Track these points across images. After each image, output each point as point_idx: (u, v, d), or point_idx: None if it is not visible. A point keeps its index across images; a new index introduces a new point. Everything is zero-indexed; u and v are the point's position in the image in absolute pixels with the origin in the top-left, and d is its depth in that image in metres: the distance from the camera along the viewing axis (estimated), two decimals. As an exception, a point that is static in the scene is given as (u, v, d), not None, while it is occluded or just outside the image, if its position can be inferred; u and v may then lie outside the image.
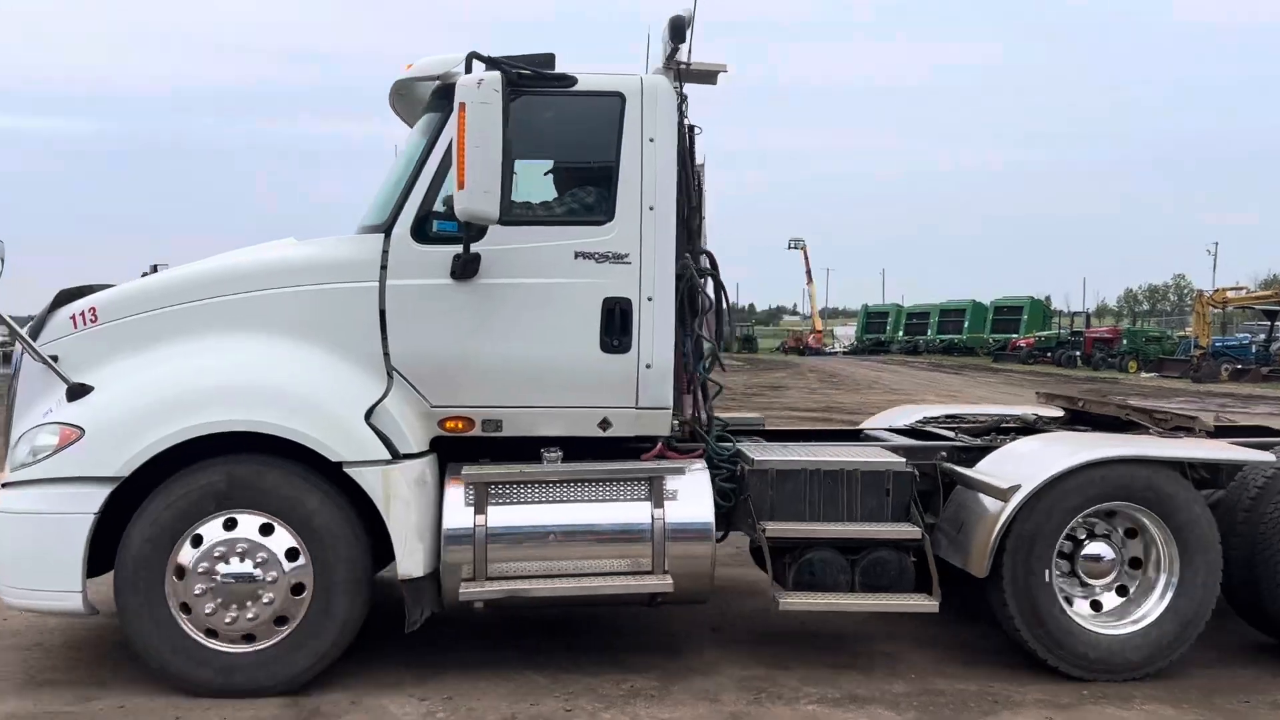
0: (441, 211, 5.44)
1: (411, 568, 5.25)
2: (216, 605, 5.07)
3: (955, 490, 5.94)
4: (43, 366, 5.35)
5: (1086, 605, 5.70)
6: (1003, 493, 5.53)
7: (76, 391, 5.25)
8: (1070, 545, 5.68)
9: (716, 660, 5.83)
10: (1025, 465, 5.66)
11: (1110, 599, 5.73)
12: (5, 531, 5.12)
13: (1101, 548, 5.70)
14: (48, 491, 5.07)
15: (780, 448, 6.14)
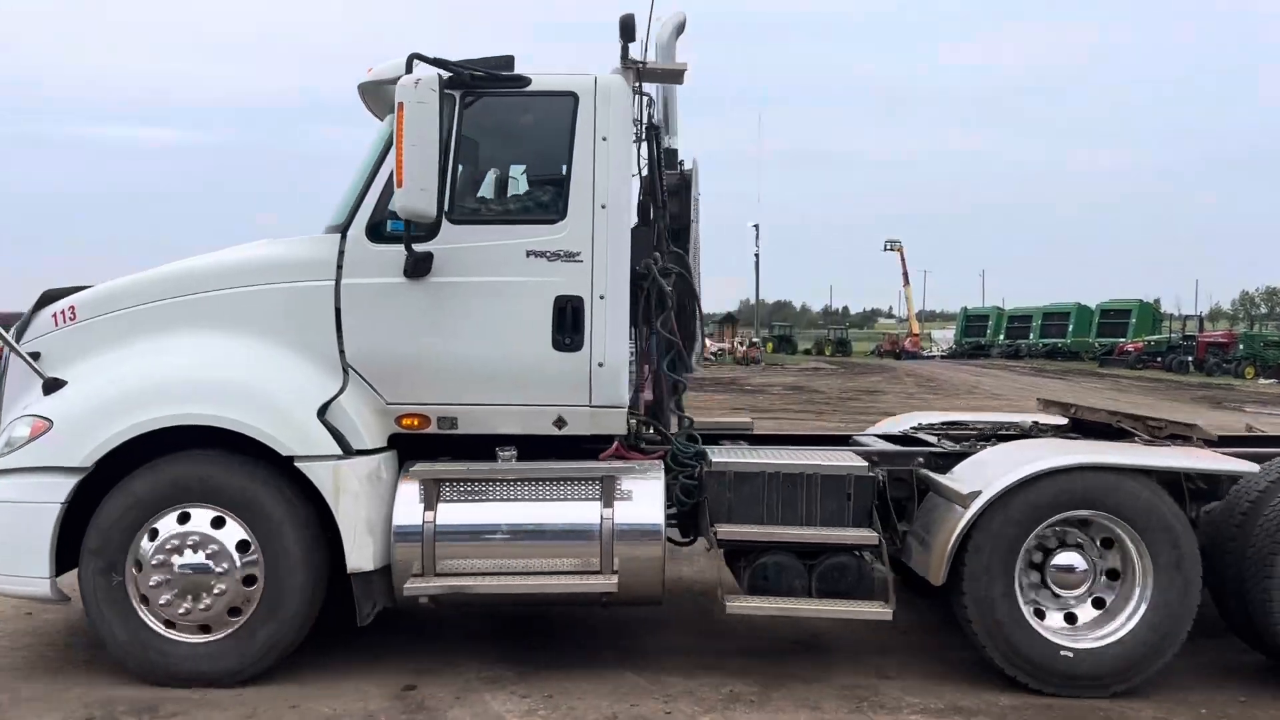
0: (395, 212, 5.51)
1: (361, 562, 5.33)
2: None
3: (927, 497, 5.77)
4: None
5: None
6: (963, 499, 5.36)
7: (50, 386, 5.50)
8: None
9: (818, 667, 5.72)
10: (990, 472, 5.47)
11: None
12: None
13: (1074, 558, 5.47)
14: (19, 481, 5.31)
15: (751, 450, 6.05)
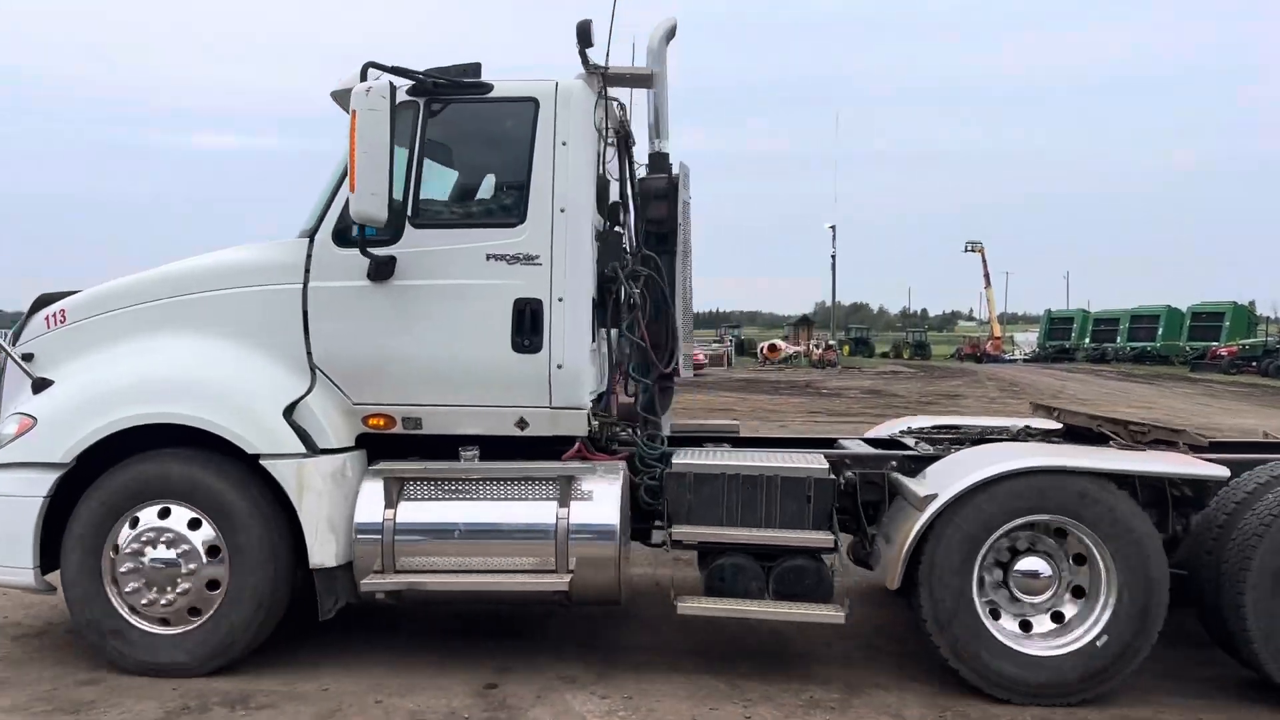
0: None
1: (323, 558, 5.47)
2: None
3: (895, 500, 5.70)
4: (26, 364, 5.91)
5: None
6: (921, 502, 5.29)
7: (39, 386, 5.77)
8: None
9: (903, 676, 5.63)
10: (951, 475, 5.38)
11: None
12: None
13: (1039, 564, 5.34)
14: (5, 476, 5.57)
15: (715, 452, 6.03)
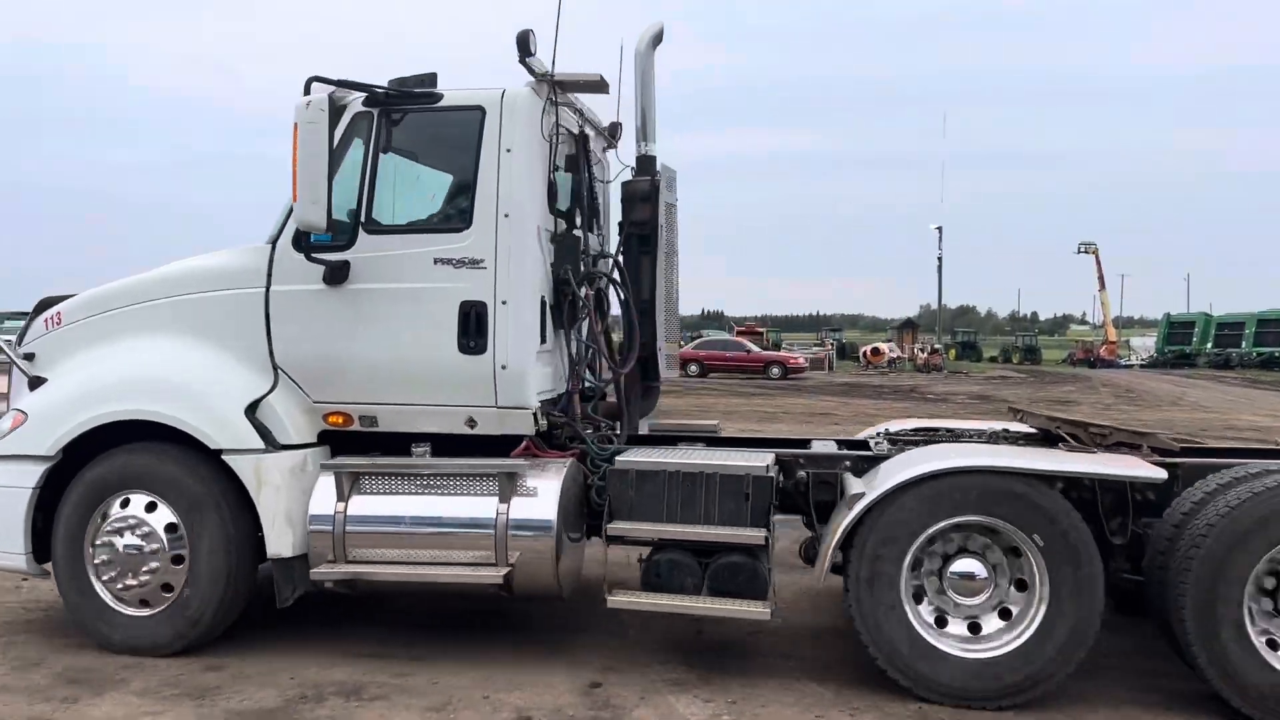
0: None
1: (280, 548, 5.75)
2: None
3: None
4: (28, 364, 6.38)
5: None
6: (850, 500, 5.27)
7: (34, 384, 6.23)
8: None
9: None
10: (887, 474, 5.34)
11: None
12: None
13: (974, 565, 5.27)
14: (2, 467, 6.02)
15: (659, 451, 6.08)
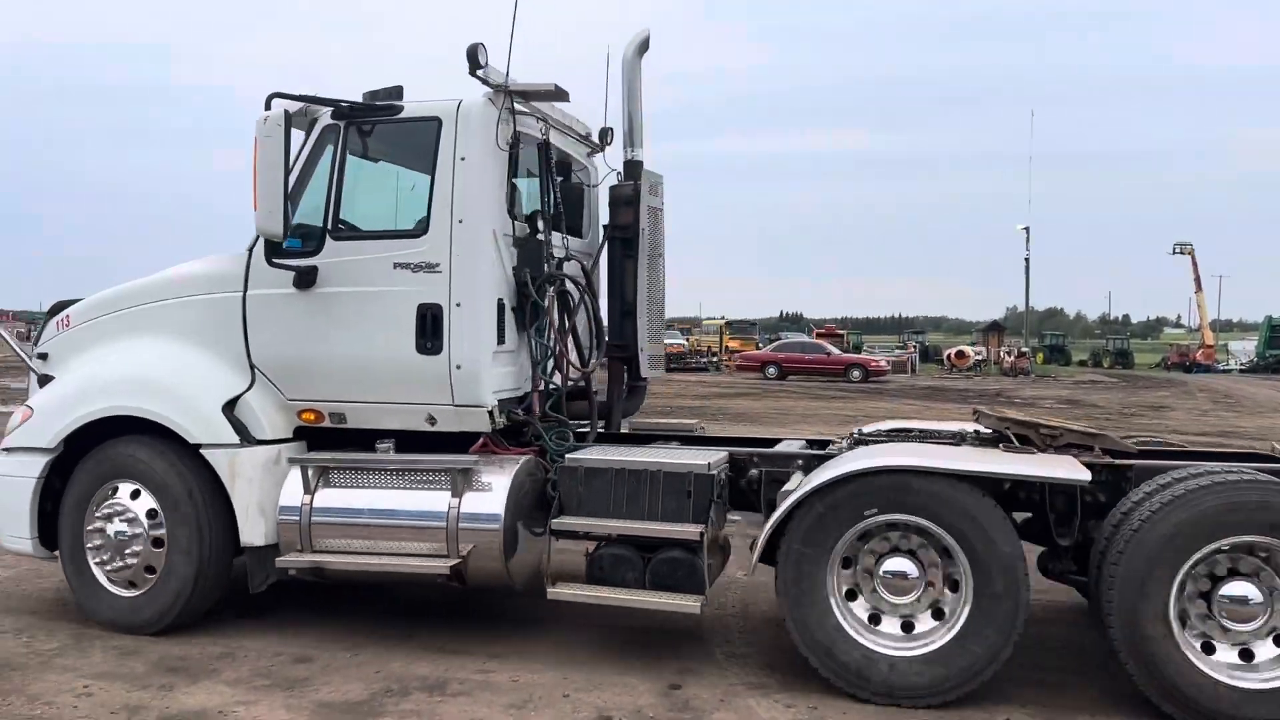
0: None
1: (253, 537, 6.11)
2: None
3: None
4: (42, 363, 6.89)
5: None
6: (780, 498, 5.39)
7: (43, 381, 6.73)
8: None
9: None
10: (814, 475, 5.43)
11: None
12: None
13: (905, 564, 5.33)
14: (10, 459, 6.54)
15: (610, 448, 6.24)
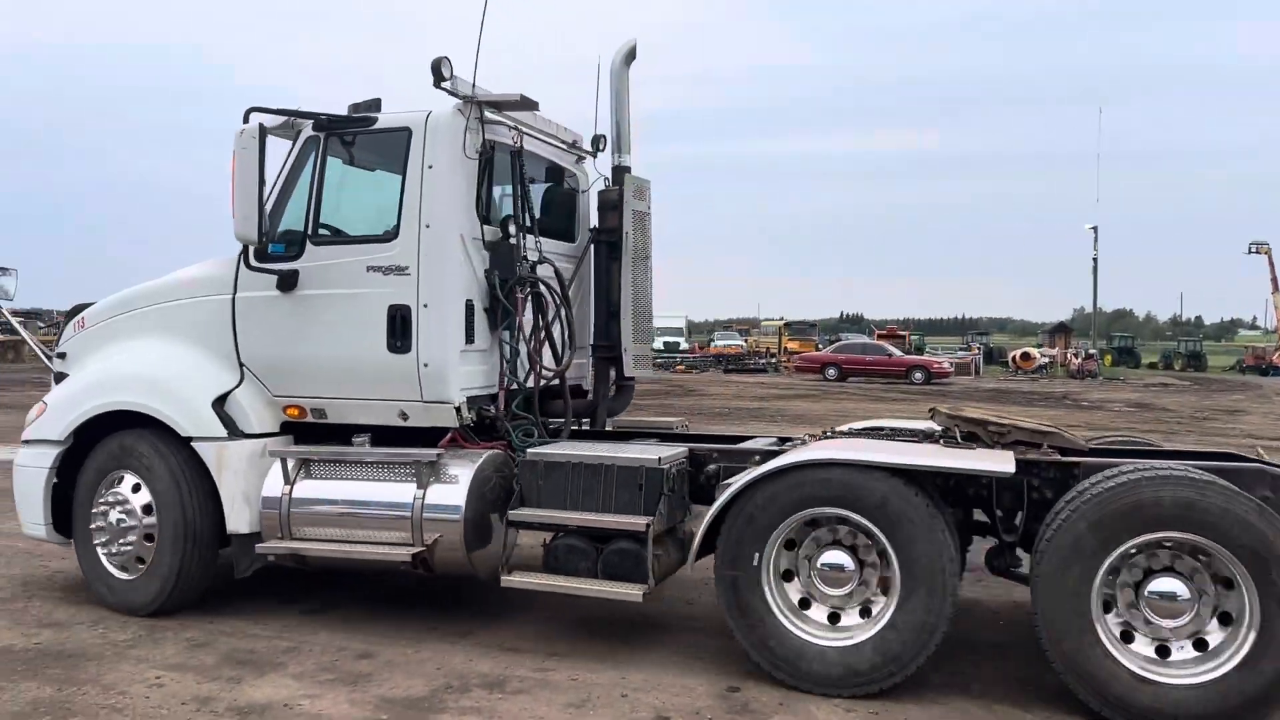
0: (275, 235, 6.59)
1: (238, 525, 6.48)
2: (106, 540, 6.68)
3: None
4: (61, 362, 7.40)
5: (825, 614, 5.45)
6: (720, 492, 5.51)
7: (58, 378, 7.22)
8: (812, 551, 5.48)
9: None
10: (750, 470, 5.54)
11: (854, 614, 5.43)
12: (15, 477, 7.15)
13: (841, 557, 5.40)
14: (28, 451, 7.04)
15: (569, 444, 6.45)
